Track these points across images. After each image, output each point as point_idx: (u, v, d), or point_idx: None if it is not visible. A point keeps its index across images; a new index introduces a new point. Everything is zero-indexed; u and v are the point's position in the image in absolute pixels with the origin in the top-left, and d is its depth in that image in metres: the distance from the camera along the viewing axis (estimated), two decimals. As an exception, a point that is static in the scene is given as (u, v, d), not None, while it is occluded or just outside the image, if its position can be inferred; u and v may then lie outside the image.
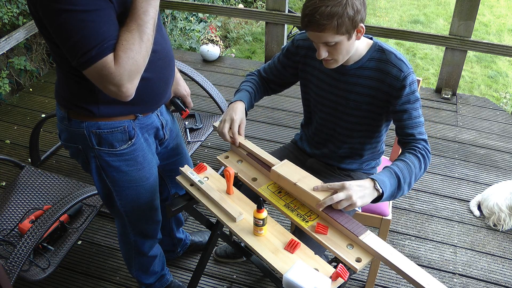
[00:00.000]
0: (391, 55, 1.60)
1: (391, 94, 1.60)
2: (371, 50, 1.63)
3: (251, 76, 1.92)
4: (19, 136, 3.24)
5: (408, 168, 1.53)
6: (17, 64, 3.52)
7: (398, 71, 1.57)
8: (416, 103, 1.60)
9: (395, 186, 1.50)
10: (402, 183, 1.51)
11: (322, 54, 1.53)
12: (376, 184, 1.45)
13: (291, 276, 1.27)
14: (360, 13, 1.46)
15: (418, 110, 1.61)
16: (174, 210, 1.59)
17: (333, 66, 1.60)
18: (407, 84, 1.57)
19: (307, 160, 1.93)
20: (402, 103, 1.59)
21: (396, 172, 1.51)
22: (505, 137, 3.25)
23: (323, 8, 1.42)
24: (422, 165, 1.57)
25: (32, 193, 2.25)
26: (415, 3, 6.49)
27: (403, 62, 1.59)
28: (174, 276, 2.26)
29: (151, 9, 1.31)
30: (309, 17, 1.45)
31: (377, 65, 1.61)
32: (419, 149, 1.59)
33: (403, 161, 1.55)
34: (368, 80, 1.63)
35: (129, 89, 1.32)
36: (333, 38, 1.47)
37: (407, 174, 1.52)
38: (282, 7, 3.69)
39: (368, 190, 1.45)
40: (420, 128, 1.62)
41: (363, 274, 2.30)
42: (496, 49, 3.40)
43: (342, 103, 1.71)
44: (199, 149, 3.08)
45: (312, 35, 1.50)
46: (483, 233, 2.54)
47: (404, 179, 1.51)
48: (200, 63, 4.10)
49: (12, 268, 1.73)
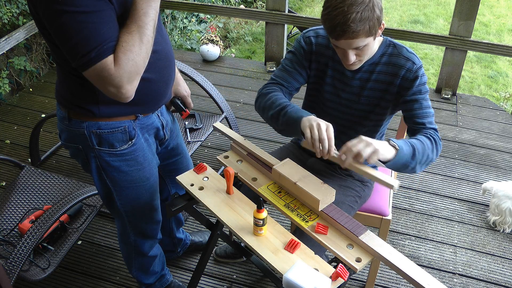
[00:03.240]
0: (402, 49, 1.63)
1: (403, 86, 1.62)
2: (382, 46, 1.65)
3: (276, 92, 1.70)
4: (19, 136, 3.24)
5: (422, 145, 1.53)
6: (17, 64, 3.52)
7: (411, 63, 1.60)
8: (426, 94, 1.63)
9: (410, 153, 1.49)
10: (417, 152, 1.50)
11: (352, 59, 1.52)
12: (391, 142, 1.47)
13: (291, 276, 1.27)
14: (382, 11, 1.47)
15: (428, 101, 1.64)
16: (174, 210, 1.59)
17: (357, 67, 1.62)
18: (420, 75, 1.60)
19: (307, 160, 1.93)
20: (413, 93, 1.61)
21: (411, 142, 1.51)
22: (505, 137, 3.25)
23: (354, 14, 1.39)
24: (434, 149, 1.57)
25: (32, 193, 2.25)
26: (415, 3, 6.49)
27: (414, 55, 1.62)
28: (174, 276, 2.26)
29: (151, 10, 1.31)
30: (342, 26, 1.41)
31: (390, 59, 1.63)
32: (430, 134, 1.59)
33: (416, 139, 1.55)
34: (381, 75, 1.65)
35: (128, 91, 1.32)
36: (364, 41, 1.47)
37: (420, 148, 1.51)
38: (282, 7, 3.69)
39: (385, 143, 1.45)
40: (430, 118, 1.63)
41: (363, 274, 2.30)
42: (496, 49, 3.40)
43: (354, 100, 1.71)
44: (199, 149, 3.08)
45: (343, 43, 1.47)
46: (483, 233, 2.55)
47: (417, 151, 1.50)
48: (200, 63, 4.10)
49: (12, 268, 1.73)
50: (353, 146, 1.42)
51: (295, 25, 4.23)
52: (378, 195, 1.99)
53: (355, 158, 1.43)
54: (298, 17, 3.80)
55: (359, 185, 1.86)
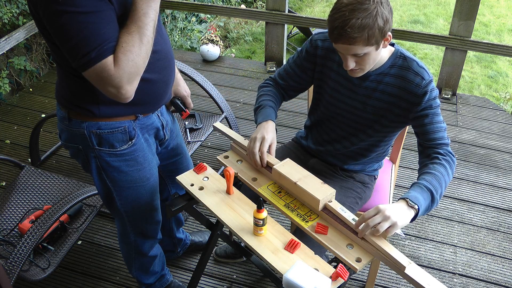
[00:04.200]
0: (413, 62, 1.58)
1: (412, 102, 1.58)
2: (392, 57, 1.61)
3: (268, 88, 1.84)
4: (19, 136, 3.24)
5: (437, 178, 1.49)
6: (17, 64, 3.52)
7: (421, 79, 1.56)
8: (437, 109, 1.59)
9: (429, 200, 1.45)
10: (435, 194, 1.46)
11: (350, 65, 1.51)
12: (409, 202, 1.40)
13: (291, 276, 1.27)
14: (389, 23, 1.44)
15: (439, 116, 1.59)
16: (174, 210, 1.59)
17: (359, 75, 1.58)
18: (429, 90, 1.55)
19: (309, 160, 1.93)
20: (423, 109, 1.57)
21: (426, 185, 1.46)
22: (505, 137, 3.25)
23: (353, 20, 1.39)
24: (449, 171, 1.54)
25: (32, 193, 2.25)
26: (415, 3, 6.49)
27: (424, 70, 1.57)
28: (174, 276, 2.26)
29: (151, 11, 1.31)
30: (339, 30, 1.41)
31: (399, 72, 1.59)
32: (442, 155, 1.55)
33: (430, 173, 1.51)
34: (389, 87, 1.61)
35: (128, 91, 1.32)
36: (363, 50, 1.45)
37: (437, 184, 1.48)
38: (282, 7, 3.69)
39: (403, 208, 1.39)
40: (442, 133, 1.59)
41: (363, 274, 2.31)
42: (496, 49, 3.40)
43: (359, 108, 1.69)
44: (199, 149, 3.08)
45: (341, 47, 1.47)
46: (483, 233, 2.55)
47: (436, 191, 1.46)
48: (200, 63, 4.10)
49: (12, 268, 1.73)
50: (370, 221, 1.35)
51: (295, 25, 4.24)
52: (378, 195, 1.99)
53: (372, 232, 1.37)
54: (298, 17, 3.80)
55: (360, 186, 1.86)
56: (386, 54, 1.61)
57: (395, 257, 1.32)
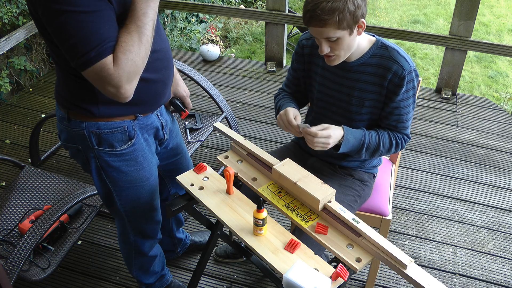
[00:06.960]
0: (393, 51, 1.62)
1: (390, 90, 1.63)
2: (373, 47, 1.65)
3: (281, 94, 1.91)
4: (19, 136, 3.24)
5: (377, 143, 1.68)
6: (17, 64, 3.52)
7: (398, 67, 1.60)
8: (410, 100, 1.66)
9: (356, 149, 1.68)
10: (363, 151, 1.68)
11: (324, 50, 1.56)
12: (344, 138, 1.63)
13: (291, 276, 1.27)
14: (361, 8, 1.49)
15: (409, 107, 1.67)
16: (174, 210, 1.59)
17: (336, 62, 1.62)
18: (407, 80, 1.61)
19: (308, 160, 1.93)
20: (398, 100, 1.64)
21: (365, 140, 1.66)
22: (505, 137, 3.25)
23: (324, 3, 1.45)
24: (392, 149, 1.71)
25: (32, 193, 2.25)
26: (415, 3, 6.49)
27: (405, 59, 1.61)
28: (174, 276, 2.26)
29: (150, 10, 1.31)
30: (311, 13, 1.48)
31: (379, 61, 1.63)
32: (396, 137, 1.71)
33: (378, 136, 1.69)
34: (371, 77, 1.65)
35: (127, 91, 1.32)
36: (335, 33, 1.50)
37: (372, 146, 1.68)
38: (282, 7, 3.68)
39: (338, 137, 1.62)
40: (405, 123, 1.70)
41: (363, 274, 2.30)
42: (496, 49, 3.40)
43: (345, 100, 1.72)
44: (199, 149, 3.08)
45: (314, 30, 1.53)
46: (483, 233, 2.54)
47: (367, 148, 1.68)
48: (200, 63, 4.10)
49: (12, 268, 1.73)
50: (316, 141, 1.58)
51: (295, 25, 4.23)
52: (378, 195, 1.99)
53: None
54: (298, 17, 3.79)
55: (359, 184, 1.86)
56: (366, 44, 1.65)
57: (396, 255, 1.33)
